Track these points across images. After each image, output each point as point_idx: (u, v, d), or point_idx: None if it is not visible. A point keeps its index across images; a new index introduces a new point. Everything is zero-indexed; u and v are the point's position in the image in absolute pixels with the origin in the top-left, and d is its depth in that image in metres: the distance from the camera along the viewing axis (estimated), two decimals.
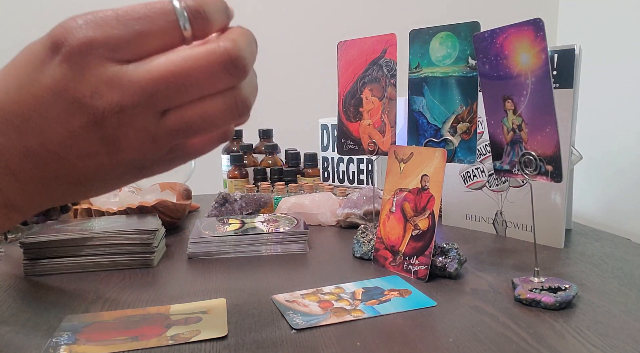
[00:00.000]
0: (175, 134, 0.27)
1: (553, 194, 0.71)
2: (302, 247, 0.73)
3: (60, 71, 0.25)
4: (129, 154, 0.27)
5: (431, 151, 0.62)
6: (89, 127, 0.26)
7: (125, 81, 0.25)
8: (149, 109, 0.26)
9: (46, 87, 0.25)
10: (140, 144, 0.27)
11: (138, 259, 0.67)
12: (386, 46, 0.68)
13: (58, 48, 0.25)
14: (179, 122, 0.27)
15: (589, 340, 0.45)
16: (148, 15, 0.25)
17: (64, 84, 0.25)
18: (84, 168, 0.28)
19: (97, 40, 0.25)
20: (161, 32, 0.26)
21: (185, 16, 0.26)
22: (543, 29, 0.50)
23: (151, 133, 0.27)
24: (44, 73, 0.26)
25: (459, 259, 0.60)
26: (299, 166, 1.08)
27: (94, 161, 0.27)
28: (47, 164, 0.27)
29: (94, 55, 0.25)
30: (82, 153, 0.27)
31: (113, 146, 0.27)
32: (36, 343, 0.46)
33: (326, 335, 0.47)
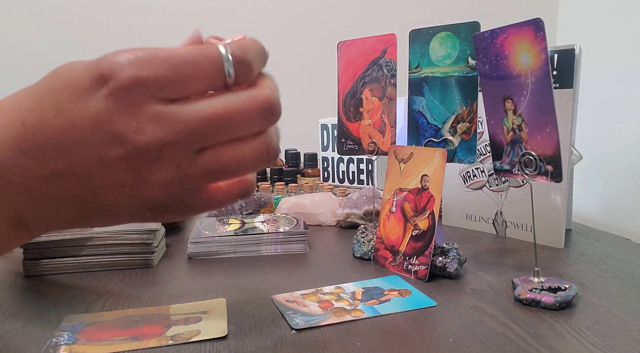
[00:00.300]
0: (206, 175, 0.28)
1: (553, 194, 0.71)
2: (302, 247, 0.73)
3: (106, 104, 0.26)
4: (155, 190, 0.28)
5: (431, 151, 0.62)
6: (124, 160, 0.26)
7: (171, 119, 0.26)
8: (188, 147, 0.27)
9: (89, 117, 0.26)
10: (169, 181, 0.27)
11: (138, 259, 0.67)
12: (386, 46, 0.68)
13: (105, 81, 0.26)
14: (213, 162, 0.28)
15: (589, 340, 0.45)
16: (197, 59, 0.27)
17: (107, 117, 0.26)
18: (105, 197, 0.28)
19: (146, 79, 0.26)
20: (207, 77, 0.27)
21: (230, 63, 0.27)
22: (543, 29, 0.50)
23: (183, 170, 0.27)
24: (87, 103, 0.26)
25: (459, 259, 0.60)
26: (299, 166, 1.08)
27: (117, 192, 0.28)
28: (68, 188, 0.28)
29: (141, 93, 0.26)
30: (109, 182, 0.27)
31: (142, 180, 0.27)
32: (36, 343, 0.46)
33: (326, 335, 0.47)
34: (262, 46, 0.29)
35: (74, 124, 0.26)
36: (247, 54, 0.27)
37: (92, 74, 0.26)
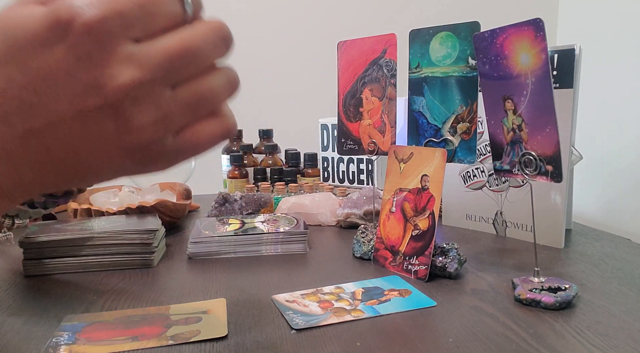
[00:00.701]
0: (186, 108, 0.28)
1: (553, 194, 0.71)
2: (302, 247, 0.73)
3: (73, 52, 0.25)
4: (138, 135, 0.27)
5: (431, 151, 0.62)
6: (103, 107, 0.26)
7: (142, 57, 0.25)
8: (164, 84, 0.27)
9: (58, 69, 0.25)
10: (151, 122, 0.27)
11: (138, 259, 0.67)
12: (386, 46, 0.68)
13: (67, 27, 0.24)
14: (189, 94, 0.28)
15: (589, 340, 0.45)
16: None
17: (78, 66, 0.25)
18: (87, 152, 0.27)
19: (111, 19, 0.25)
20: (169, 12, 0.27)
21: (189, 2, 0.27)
22: (543, 29, 0.50)
23: (163, 108, 0.27)
24: (54, 55, 0.25)
25: (459, 259, 0.60)
26: (299, 166, 1.08)
27: (99, 144, 0.27)
28: (49, 148, 0.27)
29: (108, 34, 0.25)
30: (90, 135, 0.27)
31: (124, 125, 0.26)
32: (36, 343, 0.46)
33: (326, 335, 0.47)
34: None
35: (44, 79, 0.25)
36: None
37: (48, 22, 0.25)
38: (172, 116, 0.27)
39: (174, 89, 0.27)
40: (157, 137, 0.28)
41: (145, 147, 0.28)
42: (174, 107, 0.27)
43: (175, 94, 0.27)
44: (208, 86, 0.28)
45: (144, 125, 0.27)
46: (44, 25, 0.25)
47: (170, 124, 0.28)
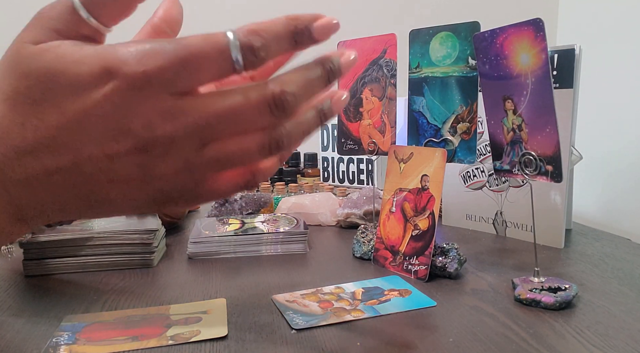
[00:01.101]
0: (212, 165, 0.28)
1: (553, 194, 0.71)
2: (302, 247, 0.73)
3: (113, 100, 0.25)
4: (160, 182, 0.28)
5: (431, 151, 0.62)
6: (132, 155, 0.26)
7: (179, 114, 0.26)
8: (195, 141, 0.27)
9: (95, 114, 0.26)
10: (175, 174, 0.28)
11: (138, 259, 0.67)
12: (386, 46, 0.68)
13: (111, 76, 0.25)
14: (218, 153, 0.28)
15: (589, 340, 0.45)
16: (203, 49, 0.26)
17: (114, 113, 0.26)
18: (110, 192, 0.28)
19: (153, 73, 0.25)
20: (214, 66, 0.26)
21: (238, 50, 0.26)
22: (543, 29, 0.50)
23: (189, 162, 0.27)
24: (93, 100, 0.26)
25: (459, 259, 0.60)
26: (299, 166, 1.08)
27: (122, 186, 0.28)
28: (73, 183, 0.28)
29: (149, 87, 0.25)
30: (115, 177, 0.27)
31: (149, 174, 0.27)
32: (36, 343, 0.46)
33: (326, 335, 0.47)
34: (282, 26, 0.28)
35: (79, 121, 0.26)
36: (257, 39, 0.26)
37: (96, 70, 0.26)
38: (196, 169, 0.28)
39: (205, 146, 0.27)
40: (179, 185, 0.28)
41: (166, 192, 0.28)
42: (200, 161, 0.28)
43: (204, 150, 0.27)
44: (239, 146, 0.28)
45: (167, 175, 0.27)
46: (91, 72, 0.26)
47: (193, 175, 0.28)
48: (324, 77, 0.29)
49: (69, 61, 0.26)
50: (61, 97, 0.26)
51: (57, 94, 0.26)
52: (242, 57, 0.26)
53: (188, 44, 0.26)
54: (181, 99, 0.26)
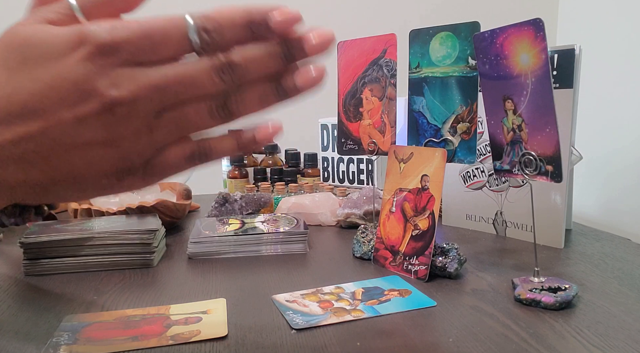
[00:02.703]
0: (169, 128, 0.31)
1: (553, 194, 0.71)
2: (302, 247, 0.73)
3: (84, 65, 0.28)
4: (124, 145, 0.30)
5: (431, 151, 0.62)
6: (99, 113, 0.29)
7: (141, 77, 0.29)
8: (154, 103, 0.30)
9: (66, 79, 0.28)
10: (136, 135, 0.30)
11: (138, 259, 0.67)
12: (386, 46, 0.68)
13: (81, 44, 0.28)
14: (174, 116, 0.30)
15: (589, 340, 0.45)
16: (165, 27, 0.29)
17: (84, 77, 0.28)
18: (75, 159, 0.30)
19: (120, 43, 0.28)
20: (174, 43, 0.30)
21: (194, 31, 0.29)
22: (543, 29, 0.50)
23: (150, 124, 0.30)
24: (65, 66, 0.28)
25: (459, 259, 0.60)
26: (299, 166, 1.08)
27: (88, 151, 0.30)
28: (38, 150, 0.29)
29: (115, 55, 0.28)
30: (80, 140, 0.29)
31: (113, 134, 0.29)
32: (36, 343, 0.46)
33: (326, 335, 0.47)
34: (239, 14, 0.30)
35: (51, 87, 0.28)
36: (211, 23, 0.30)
37: (70, 39, 0.28)
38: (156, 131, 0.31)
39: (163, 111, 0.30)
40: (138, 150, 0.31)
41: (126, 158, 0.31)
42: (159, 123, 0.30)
43: (163, 115, 0.30)
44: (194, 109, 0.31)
45: (128, 135, 0.30)
46: (65, 41, 0.29)
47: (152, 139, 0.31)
48: (279, 54, 0.31)
49: (47, 33, 0.29)
50: (35, 65, 0.29)
51: (32, 62, 0.29)
52: (198, 38, 0.29)
53: (152, 23, 0.29)
54: (144, 66, 0.29)
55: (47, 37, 0.29)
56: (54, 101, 0.28)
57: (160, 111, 0.30)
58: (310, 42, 0.31)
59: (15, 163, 0.29)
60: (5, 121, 0.28)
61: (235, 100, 0.31)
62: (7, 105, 0.28)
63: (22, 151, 0.29)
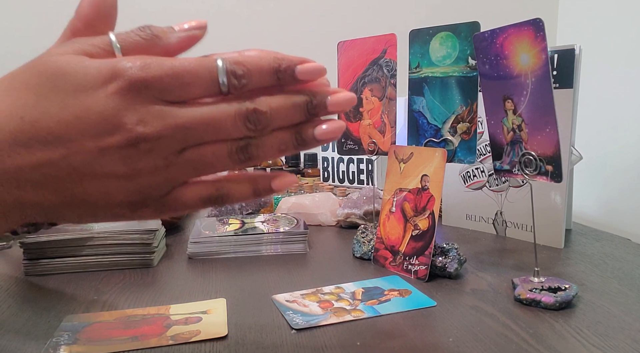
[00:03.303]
0: (187, 167, 0.31)
1: (553, 194, 0.71)
2: (302, 247, 0.73)
3: (113, 99, 0.29)
4: (140, 179, 0.31)
5: (431, 151, 0.62)
6: (122, 147, 0.29)
7: (169, 117, 0.30)
8: (178, 142, 0.30)
9: (95, 111, 0.29)
10: (154, 171, 0.31)
11: (138, 259, 0.67)
12: (386, 46, 0.68)
13: (114, 79, 0.29)
14: (193, 155, 0.31)
15: (589, 340, 0.45)
16: (196, 69, 0.30)
17: (113, 110, 0.29)
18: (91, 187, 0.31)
19: (151, 81, 0.29)
20: (203, 85, 0.31)
21: (224, 74, 0.31)
22: (543, 29, 0.50)
23: (168, 161, 0.31)
24: (95, 98, 0.29)
25: (459, 259, 0.60)
26: (299, 166, 1.08)
27: (105, 181, 0.30)
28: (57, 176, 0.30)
29: (146, 92, 0.29)
30: (100, 170, 0.30)
31: (131, 168, 0.30)
32: (36, 343, 0.46)
33: (326, 335, 0.47)
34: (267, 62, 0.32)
35: (78, 117, 0.29)
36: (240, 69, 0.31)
37: (103, 72, 0.29)
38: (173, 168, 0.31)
39: (184, 150, 0.31)
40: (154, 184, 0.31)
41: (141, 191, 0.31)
42: (178, 162, 0.31)
43: (183, 153, 0.31)
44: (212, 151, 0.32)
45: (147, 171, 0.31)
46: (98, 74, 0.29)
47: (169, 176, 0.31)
48: (303, 107, 0.33)
49: (81, 64, 0.30)
50: (66, 94, 0.29)
51: (62, 91, 0.29)
52: (227, 81, 0.31)
53: (184, 62, 0.30)
54: (172, 105, 0.30)
55: (81, 68, 0.29)
56: (79, 131, 0.29)
57: (182, 150, 0.31)
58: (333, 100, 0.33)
59: (32, 186, 0.30)
60: (27, 144, 0.29)
61: (256, 145, 0.32)
62: (33, 130, 0.29)
63: (41, 175, 0.30)
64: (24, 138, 0.29)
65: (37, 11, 1.26)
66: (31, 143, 0.29)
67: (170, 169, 0.31)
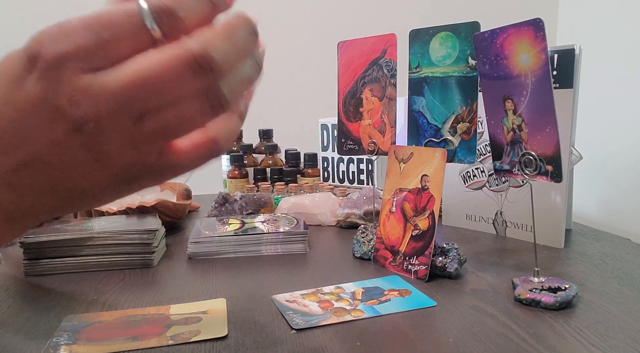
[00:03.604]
0: (154, 136, 0.28)
1: (553, 194, 0.71)
2: (302, 247, 0.73)
3: (39, 84, 0.26)
4: (115, 160, 0.28)
5: (431, 151, 0.62)
6: (71, 135, 0.27)
7: (98, 90, 0.26)
8: (125, 115, 0.27)
9: (27, 100, 0.27)
10: (122, 150, 0.28)
11: (138, 259, 0.67)
12: (386, 46, 0.68)
13: (34, 63, 0.26)
14: (156, 124, 0.27)
15: (589, 340, 0.45)
16: (115, 20, 0.26)
17: (43, 95, 0.26)
18: (76, 177, 0.29)
19: (69, 53, 0.25)
20: (130, 36, 0.26)
21: (151, 17, 0.26)
22: (543, 29, 0.50)
23: (130, 136, 0.27)
24: (24, 87, 0.27)
25: (459, 259, 0.60)
26: (299, 166, 1.08)
27: (83, 169, 0.28)
28: (40, 174, 0.28)
29: (67, 67, 0.26)
30: (70, 162, 0.28)
31: (97, 153, 0.28)
32: (36, 343, 0.46)
33: (326, 335, 0.47)
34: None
35: (19, 110, 0.27)
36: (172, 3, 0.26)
37: (22, 59, 0.26)
38: (141, 143, 0.28)
39: (141, 118, 0.27)
40: (135, 160, 0.28)
41: (126, 169, 0.29)
42: (141, 135, 0.27)
43: (142, 123, 0.27)
44: (176, 114, 0.27)
45: (113, 151, 0.28)
46: (19, 61, 0.27)
47: (143, 149, 0.28)
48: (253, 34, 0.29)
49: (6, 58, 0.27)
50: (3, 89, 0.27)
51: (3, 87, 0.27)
52: (157, 24, 0.26)
53: (100, 17, 0.26)
54: (99, 74, 0.26)
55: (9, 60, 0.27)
56: (24, 126, 0.27)
57: (138, 119, 0.27)
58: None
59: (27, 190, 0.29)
60: (2, 151, 0.28)
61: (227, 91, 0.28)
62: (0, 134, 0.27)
63: (25, 177, 0.28)
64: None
65: (37, 11, 1.26)
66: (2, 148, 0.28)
67: (138, 143, 0.28)
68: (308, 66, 1.38)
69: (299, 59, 1.38)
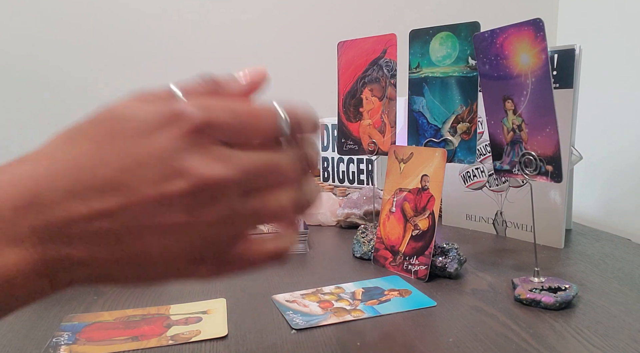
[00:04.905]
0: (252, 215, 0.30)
1: (553, 194, 0.71)
2: (302, 247, 0.73)
3: (174, 141, 0.27)
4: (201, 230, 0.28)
5: (431, 151, 0.62)
6: (184, 196, 0.27)
7: (234, 159, 0.28)
8: (242, 187, 0.29)
9: (156, 155, 0.27)
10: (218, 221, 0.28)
11: None
12: (386, 46, 0.68)
13: (175, 121, 0.27)
14: (259, 202, 0.30)
15: (589, 340, 0.45)
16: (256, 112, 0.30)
17: (175, 153, 0.27)
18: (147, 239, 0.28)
19: (214, 123, 0.28)
20: (265, 129, 0.30)
21: (285, 122, 0.30)
22: (543, 29, 0.50)
23: (233, 210, 0.29)
24: (156, 142, 0.27)
25: (459, 259, 0.60)
26: None
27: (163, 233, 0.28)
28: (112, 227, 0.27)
29: (209, 135, 0.28)
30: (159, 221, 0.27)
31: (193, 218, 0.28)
32: (36, 343, 0.46)
33: (326, 335, 0.47)
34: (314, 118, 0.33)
35: (139, 162, 0.27)
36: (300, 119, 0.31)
37: (164, 115, 0.27)
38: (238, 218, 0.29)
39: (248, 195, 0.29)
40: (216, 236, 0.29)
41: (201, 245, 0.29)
42: (243, 211, 0.29)
43: (247, 198, 0.29)
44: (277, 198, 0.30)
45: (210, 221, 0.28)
46: (158, 117, 0.28)
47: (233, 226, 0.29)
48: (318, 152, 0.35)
49: (141, 109, 0.28)
50: (125, 139, 0.27)
51: (122, 137, 0.27)
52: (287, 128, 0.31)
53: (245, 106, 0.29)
54: (234, 149, 0.29)
55: (141, 113, 0.28)
56: (139, 178, 0.27)
57: (246, 197, 0.29)
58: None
59: (82, 242, 0.27)
60: (82, 195, 0.26)
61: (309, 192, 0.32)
62: (90, 178, 0.26)
63: (96, 228, 0.27)
64: (79, 188, 0.26)
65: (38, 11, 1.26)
66: (87, 193, 0.26)
67: (235, 219, 0.29)
68: (308, 66, 1.38)
69: (299, 59, 1.38)
